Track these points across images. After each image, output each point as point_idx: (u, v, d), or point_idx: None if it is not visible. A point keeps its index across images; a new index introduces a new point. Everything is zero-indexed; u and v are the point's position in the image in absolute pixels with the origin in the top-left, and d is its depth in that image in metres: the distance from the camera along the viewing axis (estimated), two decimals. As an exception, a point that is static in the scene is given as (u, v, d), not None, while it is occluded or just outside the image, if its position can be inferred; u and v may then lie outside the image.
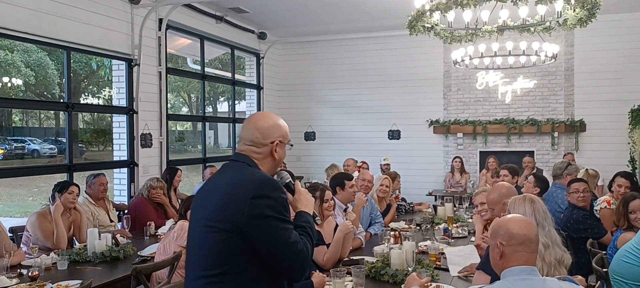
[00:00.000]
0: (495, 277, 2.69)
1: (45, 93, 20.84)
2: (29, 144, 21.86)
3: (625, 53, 9.10)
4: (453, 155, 9.79)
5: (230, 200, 1.98)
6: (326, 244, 3.95)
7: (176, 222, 4.43)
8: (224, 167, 2.23)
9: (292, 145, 2.33)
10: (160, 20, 7.55)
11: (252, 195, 1.95)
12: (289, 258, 2.00)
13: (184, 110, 26.85)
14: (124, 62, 7.19)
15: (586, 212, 4.70)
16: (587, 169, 6.52)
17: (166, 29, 7.68)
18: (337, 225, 4.14)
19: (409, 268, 3.51)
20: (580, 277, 2.90)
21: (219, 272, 1.99)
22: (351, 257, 4.08)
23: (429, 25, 5.32)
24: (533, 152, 9.56)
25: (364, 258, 3.97)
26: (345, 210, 4.76)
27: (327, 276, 3.44)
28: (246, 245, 1.96)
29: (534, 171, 8.01)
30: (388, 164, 9.23)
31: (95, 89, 22.63)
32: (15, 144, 21.54)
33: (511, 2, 4.68)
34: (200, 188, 2.28)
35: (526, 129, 9.59)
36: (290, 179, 2.27)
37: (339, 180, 4.83)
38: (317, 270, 3.63)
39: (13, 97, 17.60)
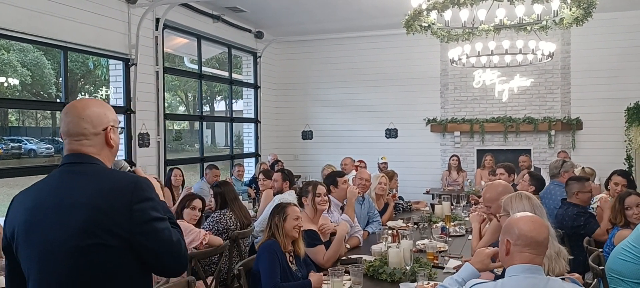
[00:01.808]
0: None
1: (41, 92, 20.79)
2: (26, 144, 21.83)
3: (621, 51, 9.13)
4: (450, 154, 9.81)
5: (106, 212, 1.72)
6: (323, 243, 3.96)
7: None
8: (62, 174, 1.84)
9: (123, 128, 2.09)
10: (157, 20, 7.55)
11: (132, 200, 1.73)
12: (177, 259, 1.83)
13: (181, 109, 26.83)
14: (121, 62, 7.18)
15: (580, 209, 4.72)
16: (583, 168, 6.54)
17: (163, 29, 7.67)
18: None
19: (407, 267, 3.53)
20: (577, 274, 2.91)
21: None
22: (349, 256, 4.09)
23: (426, 25, 5.33)
24: (530, 150, 9.59)
25: (361, 257, 3.98)
26: (341, 208, 4.77)
27: (325, 275, 3.45)
28: (135, 256, 1.76)
29: (531, 169, 8.03)
30: (386, 163, 9.24)
31: (92, 88, 22.58)
32: (11, 144, 21.50)
33: (508, 1, 4.69)
34: (31, 208, 1.81)
35: (523, 127, 9.62)
36: (130, 167, 2.04)
37: (332, 178, 4.85)
38: (314, 270, 3.65)
39: (9, 96, 17.56)
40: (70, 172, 1.82)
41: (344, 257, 4.04)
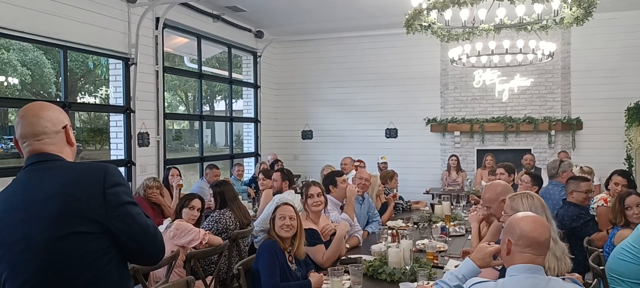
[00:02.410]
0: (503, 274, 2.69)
1: (41, 92, 20.77)
2: (26, 143, 21.78)
3: (621, 51, 9.12)
4: (450, 154, 9.81)
5: (81, 199, 1.73)
6: (323, 243, 3.95)
7: (173, 221, 4.43)
8: (29, 174, 1.82)
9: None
10: (157, 19, 7.54)
11: (105, 185, 1.76)
12: (154, 243, 1.88)
13: (181, 108, 26.80)
14: (121, 61, 7.18)
15: (580, 209, 4.72)
16: (581, 167, 6.53)
17: (163, 28, 7.66)
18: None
19: (407, 267, 3.52)
20: (577, 274, 2.91)
21: (82, 284, 1.75)
22: (349, 256, 4.09)
23: (426, 24, 5.32)
24: (530, 150, 9.57)
25: (361, 257, 3.97)
26: (341, 207, 4.76)
27: (325, 274, 3.45)
28: (111, 242, 1.78)
29: (533, 169, 8.02)
30: (385, 163, 9.23)
31: (91, 87, 22.56)
32: (11, 143, 21.49)
33: (508, 0, 4.68)
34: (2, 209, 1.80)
35: (523, 127, 9.61)
36: None
37: (331, 178, 4.86)
38: (314, 269, 3.65)
39: (9, 96, 17.55)
40: (37, 171, 1.81)
41: (344, 257, 4.04)
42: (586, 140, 9.43)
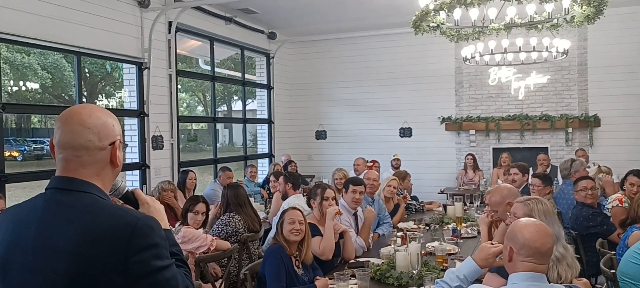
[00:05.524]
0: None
1: (62, 94, 21.12)
2: (48, 145, 22.22)
3: (639, 46, 8.92)
4: (465, 153, 9.72)
5: (94, 264, 1.36)
6: (322, 236, 3.97)
7: (180, 224, 4.47)
8: (47, 205, 1.46)
9: (126, 145, 1.72)
10: (170, 23, 7.61)
11: (129, 251, 1.37)
12: None
13: (199, 109, 27.02)
14: (134, 66, 7.26)
15: (595, 210, 4.64)
16: (599, 166, 6.42)
17: (176, 32, 7.73)
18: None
19: (414, 271, 3.50)
20: (585, 280, 2.86)
21: None
22: (357, 259, 4.08)
23: (435, 25, 5.28)
24: (547, 148, 9.44)
25: (369, 261, 3.96)
26: (354, 215, 4.74)
27: (331, 278, 3.45)
28: None
29: (549, 169, 7.90)
30: (398, 159, 9.20)
31: (111, 89, 22.89)
32: (33, 146, 21.92)
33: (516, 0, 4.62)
34: (9, 242, 1.47)
35: (540, 125, 9.47)
36: (128, 188, 1.70)
37: (346, 183, 4.87)
38: (322, 275, 3.64)
39: (30, 99, 17.89)
40: (57, 203, 1.46)
41: (352, 260, 4.03)
42: (604, 137, 9.26)
